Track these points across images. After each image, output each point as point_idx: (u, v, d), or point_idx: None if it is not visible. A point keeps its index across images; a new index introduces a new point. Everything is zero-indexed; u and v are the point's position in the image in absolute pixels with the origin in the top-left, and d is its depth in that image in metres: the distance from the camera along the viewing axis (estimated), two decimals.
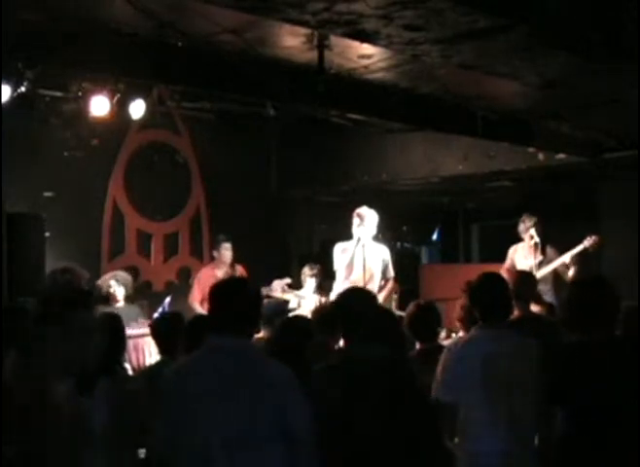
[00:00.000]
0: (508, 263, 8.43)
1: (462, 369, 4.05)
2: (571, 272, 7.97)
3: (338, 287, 7.80)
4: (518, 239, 8.62)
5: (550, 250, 8.25)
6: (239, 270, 8.44)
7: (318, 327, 4.90)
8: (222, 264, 8.48)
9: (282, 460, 3.26)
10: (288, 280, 8.24)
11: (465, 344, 4.25)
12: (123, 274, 7.71)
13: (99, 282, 7.54)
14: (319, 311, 5.71)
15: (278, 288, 8.10)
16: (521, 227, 8.38)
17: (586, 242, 8.07)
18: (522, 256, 8.38)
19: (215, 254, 8.59)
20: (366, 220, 7.62)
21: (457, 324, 5.59)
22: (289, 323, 4.82)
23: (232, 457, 3.22)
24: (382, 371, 3.73)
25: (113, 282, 7.47)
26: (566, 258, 8.05)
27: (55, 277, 5.74)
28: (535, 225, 8.24)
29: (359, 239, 7.55)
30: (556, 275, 8.17)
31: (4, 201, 6.88)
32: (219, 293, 3.49)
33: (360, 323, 3.83)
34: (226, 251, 8.45)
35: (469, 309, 5.15)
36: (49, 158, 8.52)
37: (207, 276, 8.18)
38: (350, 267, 7.64)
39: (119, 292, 7.46)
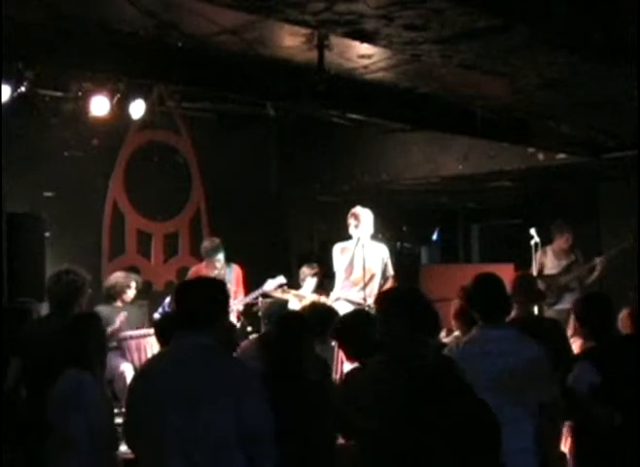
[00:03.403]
0: (537, 266, 8.47)
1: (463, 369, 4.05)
2: (596, 273, 8.13)
3: (338, 287, 7.81)
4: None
5: (578, 253, 8.38)
6: (235, 270, 8.27)
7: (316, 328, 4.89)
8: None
9: (241, 461, 3.24)
10: (282, 279, 8.15)
11: (465, 345, 4.25)
12: (138, 278, 7.75)
13: (116, 280, 7.53)
14: (307, 310, 5.70)
15: (272, 287, 8.03)
16: (555, 231, 8.52)
17: (625, 244, 8.20)
18: (553, 258, 8.50)
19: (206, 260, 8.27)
20: (362, 219, 7.62)
21: (452, 322, 5.61)
22: (285, 319, 4.83)
23: (191, 457, 3.20)
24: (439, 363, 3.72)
25: (133, 286, 7.50)
26: (601, 260, 8.23)
27: (56, 278, 5.74)
28: (570, 230, 8.38)
29: (358, 239, 7.55)
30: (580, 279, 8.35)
31: (4, 201, 6.89)
32: (179, 291, 3.55)
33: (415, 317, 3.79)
34: (219, 263, 8.12)
35: (464, 308, 5.17)
36: (49, 158, 8.52)
37: (200, 274, 7.86)
38: (351, 267, 7.64)
39: (132, 296, 7.49)
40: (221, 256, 8.15)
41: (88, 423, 4.07)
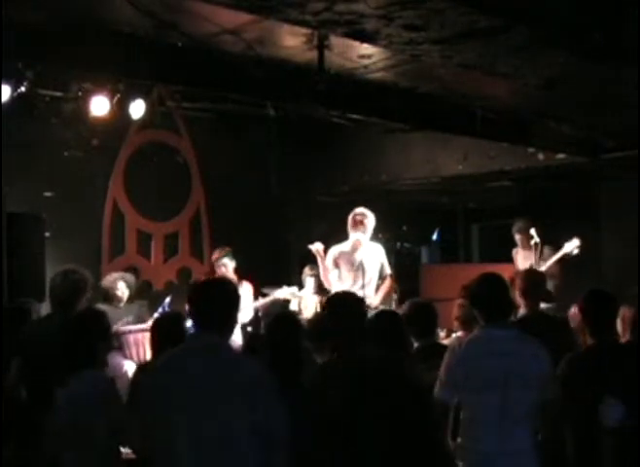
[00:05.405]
0: (516, 266, 8.49)
1: (464, 369, 4.05)
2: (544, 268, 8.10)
3: (335, 289, 7.80)
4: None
5: (546, 250, 8.34)
6: (245, 288, 7.84)
7: (313, 336, 4.89)
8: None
9: (253, 460, 3.26)
10: (295, 291, 8.18)
11: (468, 345, 4.25)
12: (129, 277, 7.71)
13: (105, 282, 7.53)
14: (314, 322, 5.69)
15: (284, 295, 8.08)
16: (516, 229, 8.56)
17: (568, 247, 8.18)
18: (522, 257, 8.50)
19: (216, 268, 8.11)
20: (368, 223, 7.61)
21: (455, 323, 5.61)
22: (279, 318, 4.82)
23: (202, 457, 3.22)
24: (376, 370, 3.80)
25: (121, 284, 7.47)
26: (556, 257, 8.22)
27: (61, 277, 5.73)
28: (532, 226, 8.34)
29: (354, 244, 7.55)
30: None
31: (4, 201, 6.88)
32: (196, 293, 3.55)
33: (352, 326, 3.93)
34: (224, 267, 7.98)
35: (466, 308, 5.17)
36: (49, 158, 8.52)
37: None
38: (339, 271, 7.64)
39: (124, 294, 7.47)
40: (226, 260, 8.01)
41: (108, 422, 4.07)
